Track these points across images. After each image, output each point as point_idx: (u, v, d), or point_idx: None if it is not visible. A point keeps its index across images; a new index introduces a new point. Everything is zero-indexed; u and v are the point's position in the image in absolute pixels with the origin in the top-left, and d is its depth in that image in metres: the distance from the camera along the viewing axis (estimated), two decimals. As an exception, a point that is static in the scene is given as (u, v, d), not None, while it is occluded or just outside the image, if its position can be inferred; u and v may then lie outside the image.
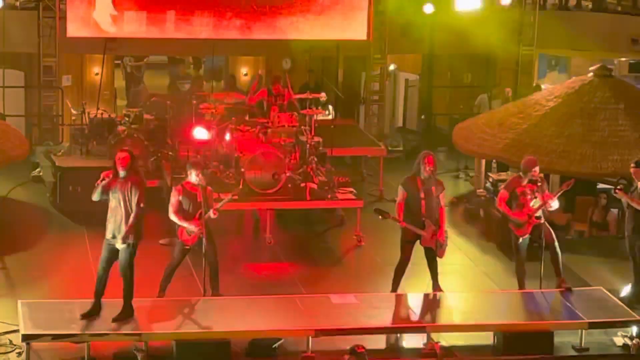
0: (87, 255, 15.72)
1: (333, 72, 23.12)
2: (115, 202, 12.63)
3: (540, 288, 14.18)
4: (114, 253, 12.78)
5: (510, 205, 14.23)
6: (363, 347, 11.63)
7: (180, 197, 13.55)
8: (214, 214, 13.50)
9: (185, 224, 13.51)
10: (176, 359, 12.52)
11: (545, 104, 18.29)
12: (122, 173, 12.62)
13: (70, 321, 12.54)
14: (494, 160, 19.05)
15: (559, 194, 14.37)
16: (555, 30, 23.22)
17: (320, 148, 18.08)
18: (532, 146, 17.41)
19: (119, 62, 24.90)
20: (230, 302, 13.46)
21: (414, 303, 13.79)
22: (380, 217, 13.95)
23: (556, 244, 14.19)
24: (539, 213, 14.10)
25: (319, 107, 18.64)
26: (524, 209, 14.15)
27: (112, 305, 12.88)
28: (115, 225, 12.66)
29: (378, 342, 13.17)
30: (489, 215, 17.75)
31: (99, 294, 12.81)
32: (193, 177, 13.53)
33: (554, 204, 14.16)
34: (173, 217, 13.56)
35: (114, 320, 12.61)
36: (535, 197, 14.11)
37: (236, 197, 14.34)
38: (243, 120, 17.51)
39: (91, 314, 12.69)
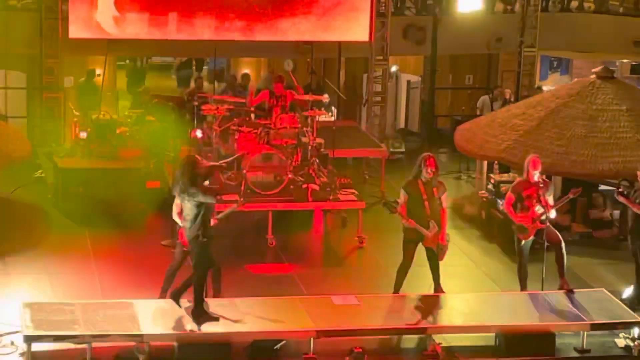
0: (88, 256, 15.73)
1: (335, 73, 23.11)
2: None
3: (542, 289, 14.17)
4: None
5: (515, 207, 14.22)
6: (360, 348, 11.67)
7: (185, 200, 13.50)
8: (214, 221, 13.44)
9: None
10: (178, 360, 12.56)
11: (547, 105, 18.26)
12: None
13: (72, 322, 12.53)
14: (496, 162, 19.03)
15: (564, 201, 14.37)
16: (557, 32, 23.21)
17: (322, 149, 18.07)
18: (533, 147, 17.36)
19: (122, 63, 24.89)
20: (232, 303, 13.43)
21: (416, 304, 13.78)
22: (388, 211, 13.93)
23: (562, 244, 14.19)
24: (544, 217, 14.08)
25: (322, 109, 18.60)
26: (528, 213, 14.14)
27: (113, 306, 12.93)
28: None
29: (380, 343, 13.17)
30: (490, 217, 17.73)
31: None
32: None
33: (552, 214, 14.15)
34: (176, 218, 13.52)
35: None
36: (540, 201, 14.09)
37: (240, 207, 14.28)
38: (245, 122, 17.48)
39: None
